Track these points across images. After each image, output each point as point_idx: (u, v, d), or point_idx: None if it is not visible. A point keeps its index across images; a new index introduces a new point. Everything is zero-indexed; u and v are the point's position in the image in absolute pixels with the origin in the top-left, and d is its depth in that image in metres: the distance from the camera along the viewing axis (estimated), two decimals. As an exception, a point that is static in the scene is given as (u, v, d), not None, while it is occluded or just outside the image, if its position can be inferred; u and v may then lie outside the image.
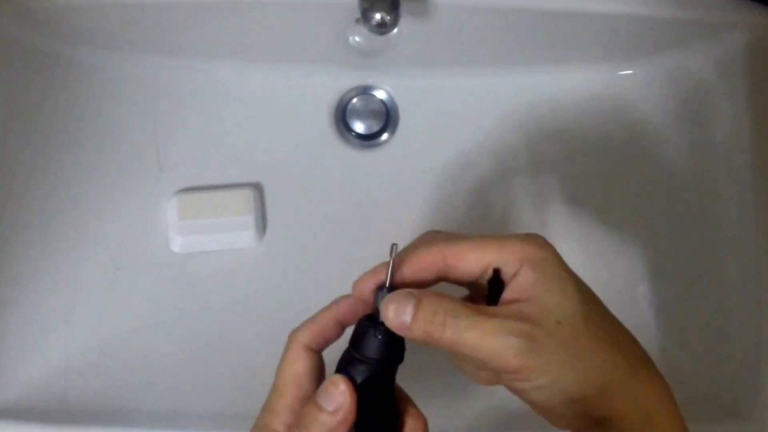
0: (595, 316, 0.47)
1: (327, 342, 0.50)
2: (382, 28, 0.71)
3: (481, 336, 0.44)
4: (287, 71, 0.84)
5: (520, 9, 0.75)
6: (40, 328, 0.76)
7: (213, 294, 0.80)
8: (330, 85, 0.85)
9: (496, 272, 0.47)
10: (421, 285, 0.49)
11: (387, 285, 0.47)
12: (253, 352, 0.77)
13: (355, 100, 0.85)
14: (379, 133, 0.85)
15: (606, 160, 0.85)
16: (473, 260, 0.48)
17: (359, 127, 0.84)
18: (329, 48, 0.81)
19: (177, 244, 0.80)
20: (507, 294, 0.47)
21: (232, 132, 0.84)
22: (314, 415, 0.46)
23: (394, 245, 0.48)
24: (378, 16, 0.69)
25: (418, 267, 0.48)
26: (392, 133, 0.85)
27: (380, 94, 0.85)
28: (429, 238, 0.50)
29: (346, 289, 0.50)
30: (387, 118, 0.85)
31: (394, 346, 0.47)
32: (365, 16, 0.70)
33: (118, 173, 0.81)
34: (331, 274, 0.77)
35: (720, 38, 0.79)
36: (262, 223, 0.82)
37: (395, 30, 0.76)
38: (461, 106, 0.86)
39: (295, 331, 0.50)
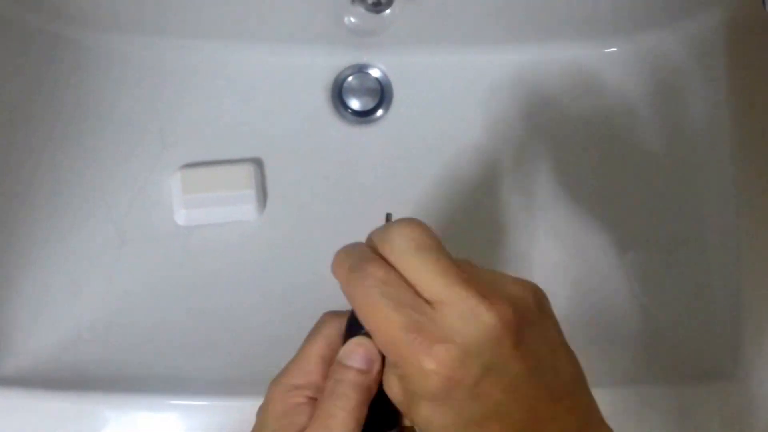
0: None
1: None
2: (378, 6, 0.73)
3: None
4: (284, 50, 0.86)
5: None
6: (50, 301, 0.78)
7: (216, 265, 0.82)
8: (326, 63, 0.87)
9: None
10: None
11: None
12: (255, 320, 0.79)
13: (350, 78, 0.87)
14: (374, 110, 0.87)
15: (595, 135, 0.87)
16: None
17: (355, 104, 0.86)
18: (325, 28, 0.83)
19: (181, 217, 0.82)
20: None
21: (232, 110, 0.85)
22: (349, 378, 0.44)
23: (389, 214, 0.49)
24: (373, -6, 0.72)
25: None
26: (387, 109, 0.87)
27: (375, 72, 0.87)
28: None
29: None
30: (381, 95, 0.87)
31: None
32: (361, -6, 0.72)
33: (122, 151, 0.83)
34: (329, 246, 0.78)
35: (699, 14, 0.81)
36: (262, 197, 0.84)
37: (388, 11, 0.78)
38: (453, 82, 0.88)
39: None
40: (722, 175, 0.80)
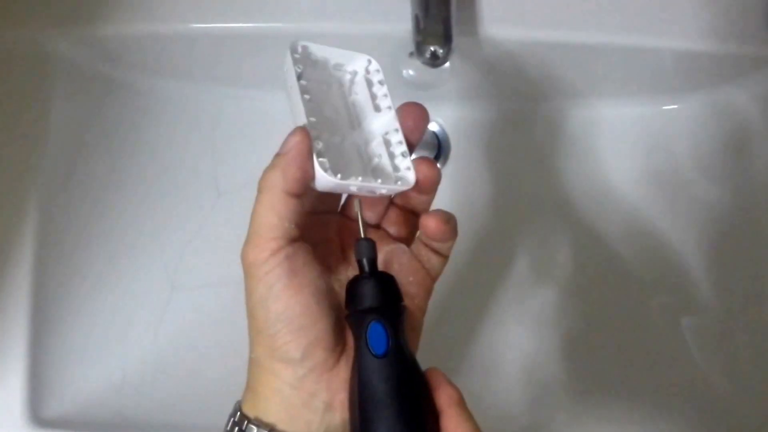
0: None
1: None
2: (435, 60, 0.72)
3: None
4: None
5: (566, 43, 0.77)
6: (98, 344, 0.78)
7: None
8: None
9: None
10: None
11: (363, 236, 0.49)
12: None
13: None
14: (430, 164, 0.86)
15: (649, 193, 0.86)
16: None
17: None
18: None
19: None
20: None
21: (288, 160, 0.85)
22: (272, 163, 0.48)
23: (358, 199, 0.51)
24: (431, 49, 0.71)
25: None
26: (444, 163, 0.87)
27: (432, 126, 0.87)
28: None
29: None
30: (439, 149, 0.87)
31: (389, 285, 0.48)
32: (419, 49, 0.72)
33: (177, 197, 0.84)
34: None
35: (762, 72, 0.79)
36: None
37: (447, 64, 0.78)
38: (510, 137, 0.87)
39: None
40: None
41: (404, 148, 0.52)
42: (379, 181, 0.50)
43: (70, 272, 0.78)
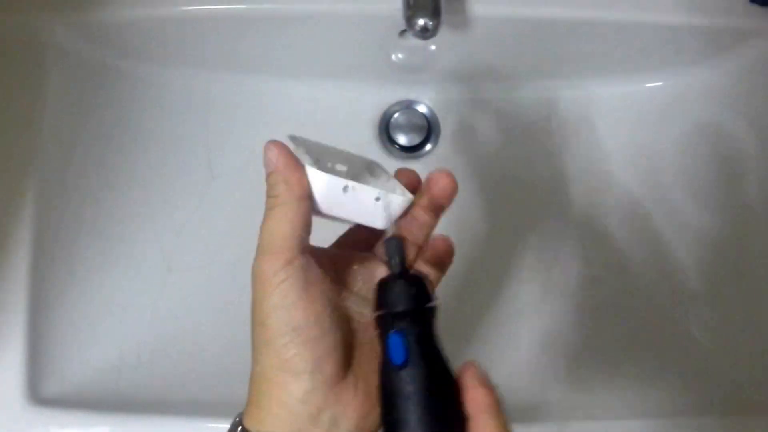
0: None
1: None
2: (425, 33, 0.74)
3: None
4: (333, 86, 0.88)
5: (554, 19, 0.79)
6: (96, 324, 0.78)
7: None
8: (374, 99, 0.89)
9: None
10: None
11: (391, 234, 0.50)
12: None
13: (397, 114, 0.88)
14: (421, 145, 0.88)
15: (636, 171, 0.88)
16: None
17: (402, 139, 0.88)
18: (373, 64, 0.85)
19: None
20: None
21: (280, 143, 0.87)
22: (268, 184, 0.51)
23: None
24: (421, 21, 0.73)
25: None
26: (435, 144, 0.88)
27: (422, 108, 0.89)
28: None
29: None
30: (429, 130, 0.88)
31: (418, 287, 0.47)
32: (409, 22, 0.74)
33: (172, 180, 0.85)
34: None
35: (745, 46, 0.81)
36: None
37: (433, 47, 0.80)
38: (498, 117, 0.89)
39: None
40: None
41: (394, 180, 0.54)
42: (377, 188, 0.51)
43: (67, 254, 0.78)
